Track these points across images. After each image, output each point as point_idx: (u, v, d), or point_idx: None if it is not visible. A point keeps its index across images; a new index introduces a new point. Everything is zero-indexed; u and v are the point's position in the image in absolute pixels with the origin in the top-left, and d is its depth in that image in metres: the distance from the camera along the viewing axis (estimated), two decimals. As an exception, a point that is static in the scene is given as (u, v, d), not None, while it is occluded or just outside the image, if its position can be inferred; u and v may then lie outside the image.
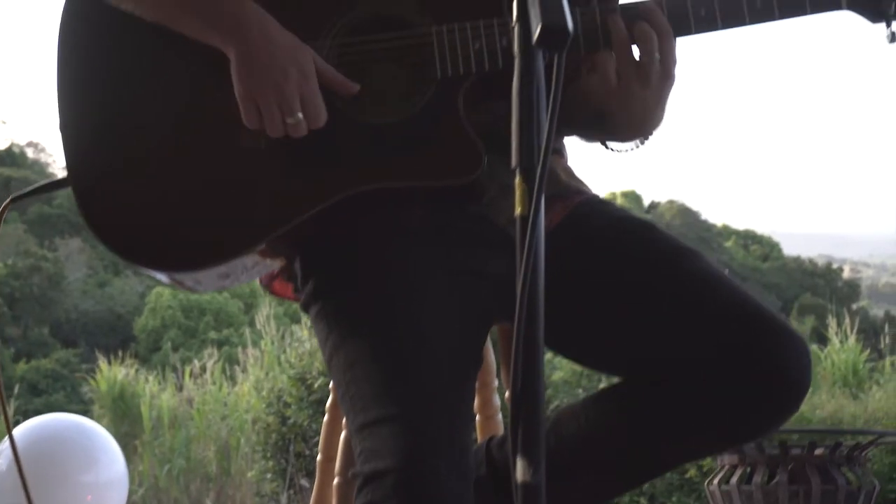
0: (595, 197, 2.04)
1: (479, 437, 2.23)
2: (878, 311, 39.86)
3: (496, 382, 2.26)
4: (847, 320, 9.95)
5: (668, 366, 1.84)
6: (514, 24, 1.27)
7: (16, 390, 11.66)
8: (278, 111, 1.79)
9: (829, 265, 44.18)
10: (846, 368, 9.45)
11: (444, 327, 1.80)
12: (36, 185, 2.16)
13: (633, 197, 40.04)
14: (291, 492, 7.36)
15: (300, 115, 1.80)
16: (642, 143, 1.95)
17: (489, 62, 1.83)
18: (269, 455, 7.65)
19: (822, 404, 7.97)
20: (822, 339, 11.32)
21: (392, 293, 1.82)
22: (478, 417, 2.23)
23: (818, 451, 4.82)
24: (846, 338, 9.79)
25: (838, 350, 9.67)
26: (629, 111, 1.86)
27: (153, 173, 1.90)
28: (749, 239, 43.08)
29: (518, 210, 1.24)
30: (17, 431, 3.79)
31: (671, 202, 43.23)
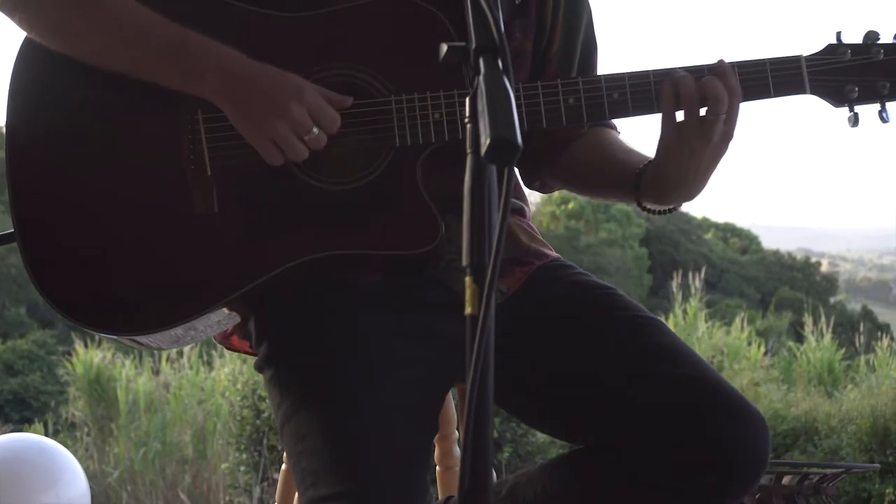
0: (556, 260, 2.02)
1: (440, 489, 2.23)
2: (855, 306, 39.99)
3: (456, 434, 2.25)
4: (823, 319, 10.00)
5: (624, 437, 1.81)
6: (466, 120, 1.25)
7: (-9, 370, 11.60)
8: (294, 136, 1.76)
9: (807, 259, 44.29)
10: (822, 367, 9.51)
11: (396, 397, 1.77)
12: None
13: (615, 188, 39.99)
14: (265, 484, 7.35)
15: (315, 129, 1.76)
16: (677, 206, 1.93)
17: (448, 133, 1.81)
18: (243, 447, 7.63)
19: (797, 402, 8.03)
20: (800, 336, 11.37)
21: (343, 363, 1.79)
22: (437, 469, 2.22)
23: (785, 481, 4.85)
24: (822, 336, 9.85)
25: (814, 348, 9.72)
26: (683, 166, 1.82)
27: (104, 236, 1.86)
28: (728, 231, 43.15)
29: (468, 310, 1.21)
30: (-22, 451, 3.78)
31: (652, 194, 43.20)
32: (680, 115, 1.81)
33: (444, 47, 1.31)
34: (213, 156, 1.83)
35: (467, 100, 1.25)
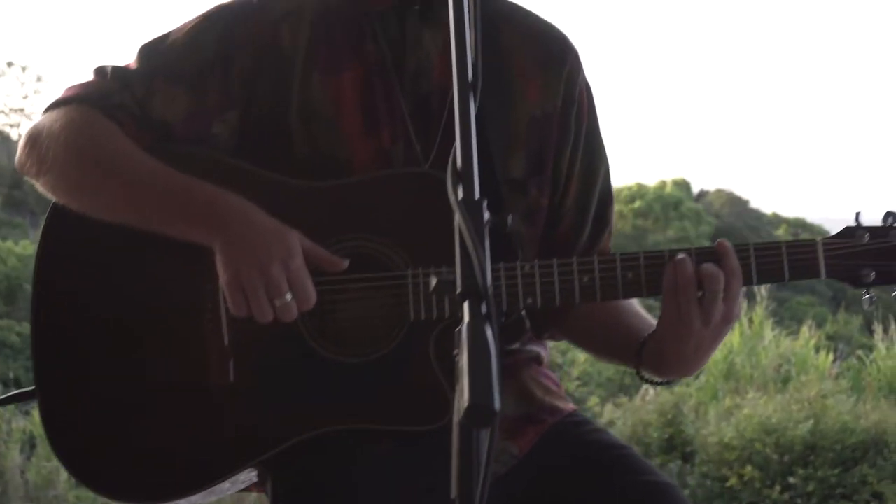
0: (571, 415, 2.02)
1: None
2: (931, 301, 39.24)
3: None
4: (893, 325, 9.81)
5: None
6: (455, 353, 1.23)
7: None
8: (265, 295, 1.77)
9: (881, 254, 43.55)
10: (892, 375, 9.32)
11: None
12: (7, 395, 2.17)
13: (684, 185, 39.70)
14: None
15: (289, 296, 1.77)
16: (675, 380, 1.93)
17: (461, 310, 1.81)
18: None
19: (865, 414, 7.87)
20: (873, 334, 11.15)
21: None
22: None
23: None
24: (893, 343, 9.65)
25: (884, 356, 9.53)
26: (683, 345, 1.82)
27: (120, 402, 1.89)
28: (799, 227, 42.59)
29: None
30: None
31: (720, 191, 42.85)
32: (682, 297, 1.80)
33: (434, 281, 1.33)
34: (231, 327, 1.85)
35: (456, 332, 1.23)
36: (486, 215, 1.30)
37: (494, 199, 1.86)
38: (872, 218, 1.85)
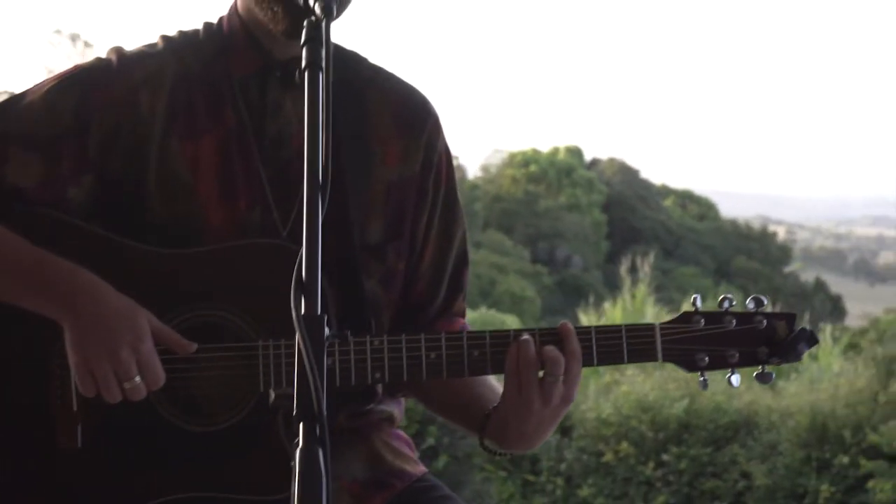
0: (420, 479, 2.04)
1: None
2: (810, 276, 40.49)
3: None
4: (768, 304, 10.06)
5: None
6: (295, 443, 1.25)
7: None
8: (114, 378, 1.76)
9: (764, 228, 44.72)
10: (766, 355, 9.55)
11: None
12: None
13: (576, 152, 40.11)
14: None
15: (138, 379, 1.76)
16: (516, 453, 1.95)
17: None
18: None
19: (738, 394, 8.08)
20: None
21: None
22: None
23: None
24: (769, 324, 9.90)
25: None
26: (523, 424, 1.85)
27: None
28: (686, 199, 43.46)
29: None
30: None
31: (612, 160, 43.39)
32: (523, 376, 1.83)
33: (272, 395, 1.41)
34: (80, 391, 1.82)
35: (293, 444, 1.25)
36: (327, 331, 1.31)
37: (351, 268, 1.90)
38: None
